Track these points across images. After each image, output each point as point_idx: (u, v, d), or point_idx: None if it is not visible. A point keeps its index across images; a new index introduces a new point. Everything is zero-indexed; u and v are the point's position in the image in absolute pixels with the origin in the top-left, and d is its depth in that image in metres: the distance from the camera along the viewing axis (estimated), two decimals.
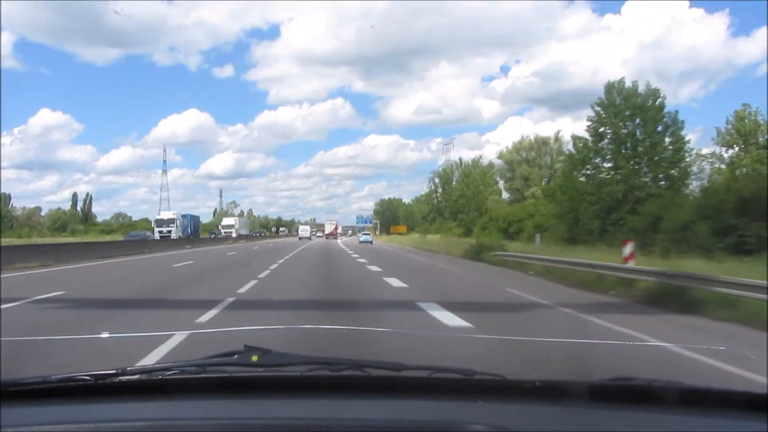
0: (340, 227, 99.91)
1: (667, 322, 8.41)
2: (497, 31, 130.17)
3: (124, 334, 6.17)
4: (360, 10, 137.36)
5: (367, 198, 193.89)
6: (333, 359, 1.59)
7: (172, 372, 1.54)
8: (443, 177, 78.22)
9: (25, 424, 1.31)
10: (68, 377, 1.49)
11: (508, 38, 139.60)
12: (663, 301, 9.92)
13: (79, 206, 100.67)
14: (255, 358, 1.54)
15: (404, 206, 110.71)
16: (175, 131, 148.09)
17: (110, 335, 6.22)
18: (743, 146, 33.16)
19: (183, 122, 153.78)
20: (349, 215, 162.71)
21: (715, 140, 34.68)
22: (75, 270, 18.36)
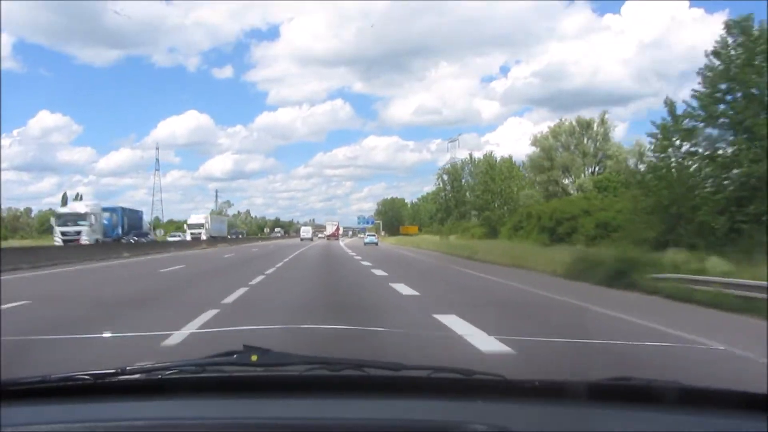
0: (341, 228, 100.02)
1: None
2: (497, 31, 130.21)
3: (125, 334, 6.18)
4: (360, 10, 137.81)
5: (367, 199, 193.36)
6: (332, 359, 1.59)
7: (172, 371, 1.53)
8: (452, 174, 72.98)
9: (25, 424, 1.31)
10: (68, 377, 1.49)
11: (508, 38, 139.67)
12: None
13: None
14: (254, 358, 1.54)
15: (407, 206, 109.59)
16: (175, 132, 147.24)
17: (112, 335, 6.22)
18: None
19: (182, 123, 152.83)
20: (349, 216, 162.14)
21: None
22: None
